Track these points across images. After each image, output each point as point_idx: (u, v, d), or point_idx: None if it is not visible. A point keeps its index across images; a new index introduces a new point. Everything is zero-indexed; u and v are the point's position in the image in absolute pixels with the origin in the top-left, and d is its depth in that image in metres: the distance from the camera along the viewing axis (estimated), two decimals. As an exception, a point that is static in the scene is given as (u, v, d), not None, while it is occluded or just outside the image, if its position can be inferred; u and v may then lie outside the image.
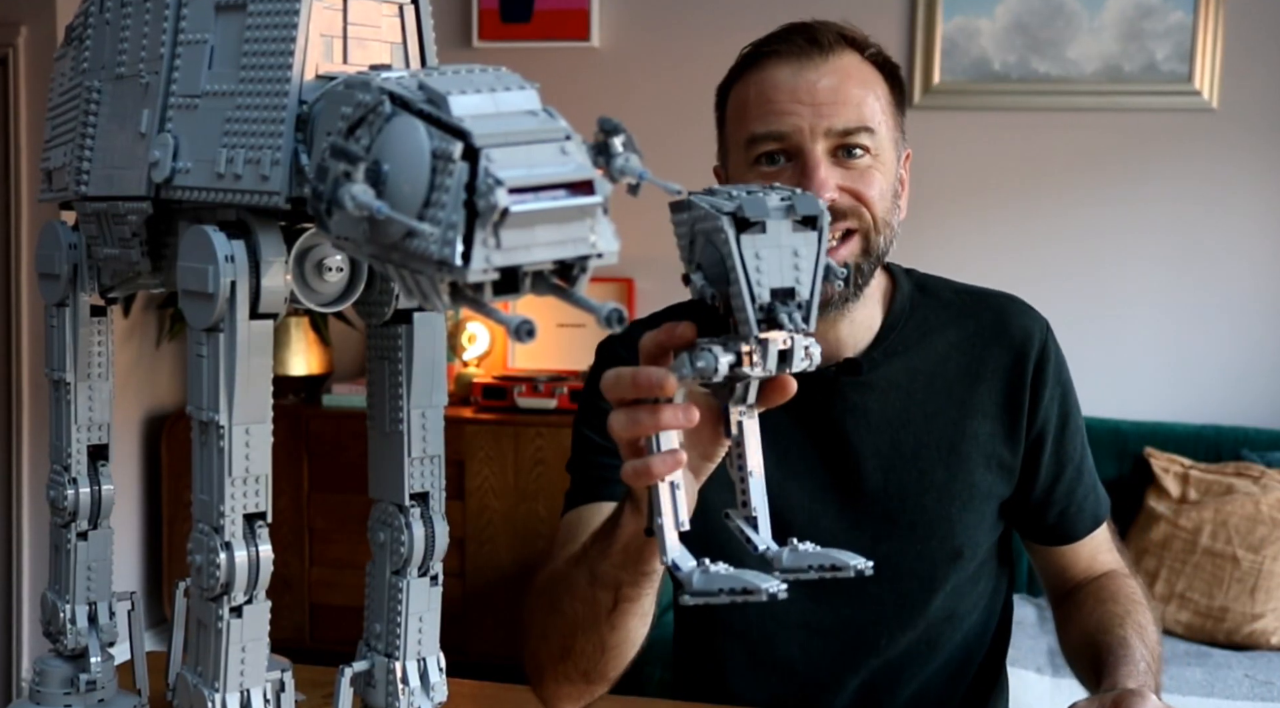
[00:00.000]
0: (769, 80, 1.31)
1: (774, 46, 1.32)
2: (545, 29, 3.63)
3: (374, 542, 0.97)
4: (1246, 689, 2.67)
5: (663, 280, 3.63)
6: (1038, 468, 1.42)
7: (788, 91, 1.29)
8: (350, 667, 0.97)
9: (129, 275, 1.00)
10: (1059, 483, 1.43)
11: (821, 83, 1.29)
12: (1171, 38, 3.32)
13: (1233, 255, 3.36)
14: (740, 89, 1.35)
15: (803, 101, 1.28)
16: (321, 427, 3.48)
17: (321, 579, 3.46)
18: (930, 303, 1.43)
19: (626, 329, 1.42)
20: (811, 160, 1.28)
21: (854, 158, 1.29)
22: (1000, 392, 1.40)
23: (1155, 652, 1.34)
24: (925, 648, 1.41)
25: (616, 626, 1.16)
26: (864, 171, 1.30)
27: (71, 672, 1.07)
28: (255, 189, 0.82)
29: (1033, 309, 1.46)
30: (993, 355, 1.41)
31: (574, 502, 1.41)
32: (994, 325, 1.42)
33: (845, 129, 1.28)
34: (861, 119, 1.29)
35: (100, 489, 1.07)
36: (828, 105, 1.28)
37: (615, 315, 0.70)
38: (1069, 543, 1.47)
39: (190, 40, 0.90)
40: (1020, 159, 3.43)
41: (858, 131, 1.28)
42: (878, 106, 1.31)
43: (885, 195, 1.31)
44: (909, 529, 1.38)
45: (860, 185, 1.29)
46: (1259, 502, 2.92)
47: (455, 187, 0.69)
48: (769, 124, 1.29)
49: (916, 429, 1.38)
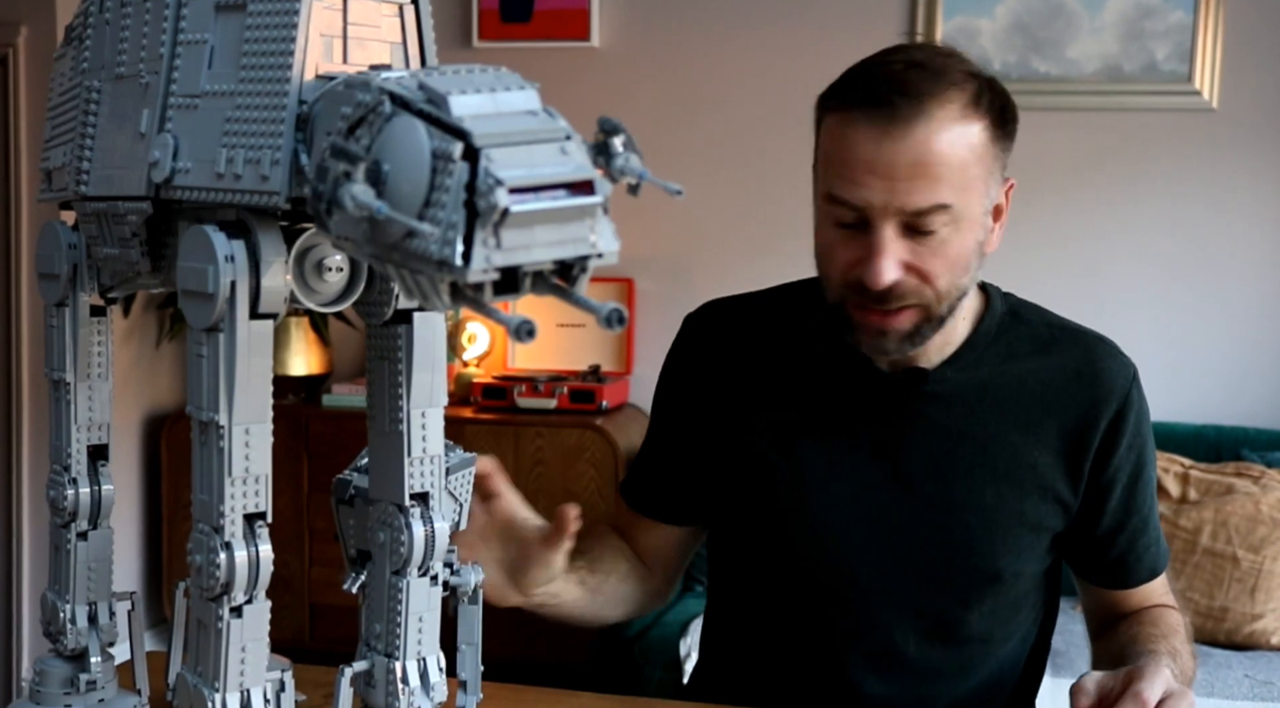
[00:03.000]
0: (849, 145, 1.26)
1: (864, 109, 1.26)
2: (545, 29, 3.62)
3: (374, 542, 0.97)
4: (1246, 689, 2.67)
5: (663, 280, 3.63)
6: (1102, 513, 1.41)
7: (865, 164, 1.24)
8: (350, 667, 0.97)
9: (129, 275, 1.00)
10: (1122, 532, 1.42)
11: (902, 156, 1.23)
12: (1171, 38, 3.32)
13: (1233, 255, 3.36)
14: (829, 129, 1.31)
15: (879, 175, 1.24)
16: (321, 427, 3.48)
17: (321, 579, 3.46)
18: (1019, 330, 1.42)
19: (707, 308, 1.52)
20: (877, 242, 1.25)
21: (927, 233, 1.26)
22: (1069, 430, 1.38)
23: (1186, 671, 1.33)
24: (958, 668, 1.41)
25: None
26: (935, 246, 1.27)
27: (71, 672, 1.07)
28: (255, 189, 0.82)
29: (1122, 355, 1.43)
30: (1070, 393, 1.39)
31: (626, 487, 1.56)
32: (1078, 364, 1.40)
33: (918, 210, 1.24)
34: (936, 198, 1.24)
35: (100, 489, 1.07)
36: (905, 182, 1.23)
37: (615, 315, 0.70)
38: (1122, 589, 1.46)
39: (190, 40, 0.90)
40: (1020, 159, 3.42)
41: (931, 211, 1.24)
42: (965, 167, 1.26)
43: (958, 263, 1.28)
44: (948, 543, 1.37)
45: (928, 263, 1.27)
46: (1259, 502, 2.92)
47: (455, 186, 0.69)
48: (844, 191, 1.26)
49: (974, 447, 1.37)
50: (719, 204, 3.55)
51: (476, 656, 1.14)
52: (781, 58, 3.52)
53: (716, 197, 3.55)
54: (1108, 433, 1.38)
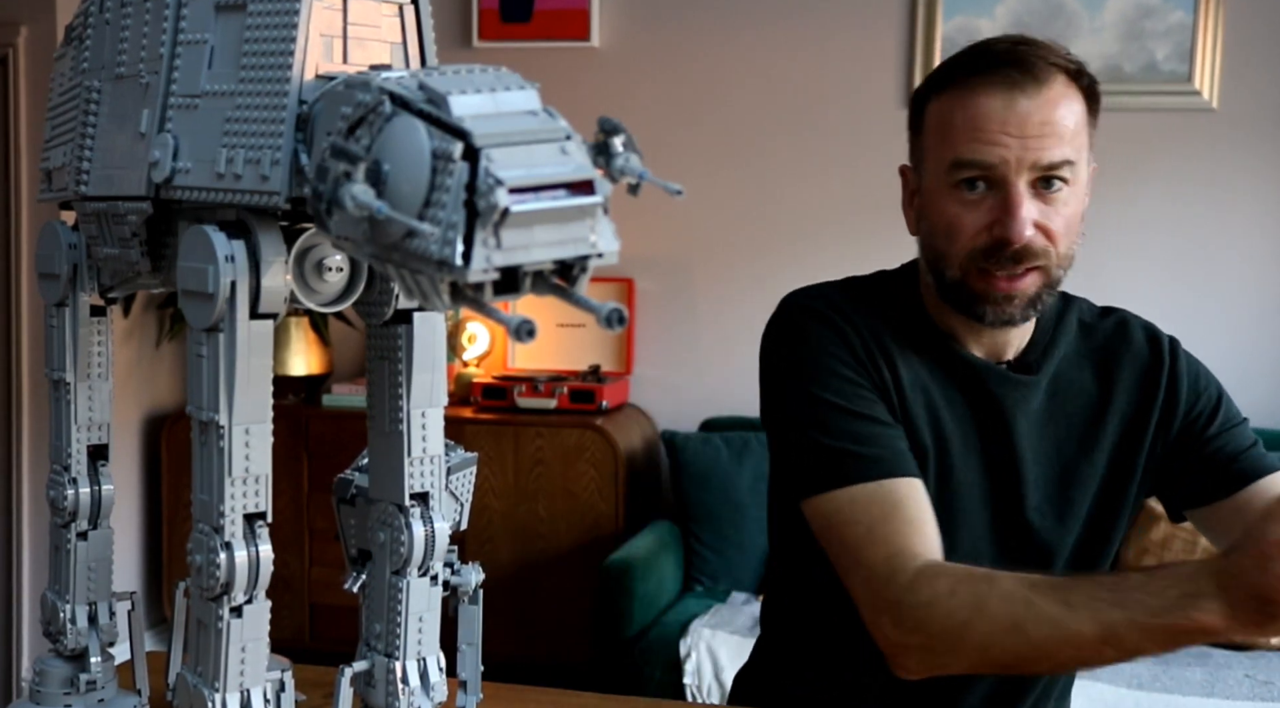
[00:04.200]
0: (980, 107, 1.31)
1: (985, 76, 1.32)
2: (545, 29, 3.63)
3: (374, 542, 0.97)
4: (1247, 689, 2.67)
5: (663, 280, 3.63)
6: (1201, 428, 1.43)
7: (998, 122, 1.30)
8: (350, 667, 0.97)
9: (129, 275, 1.00)
10: (1231, 435, 1.43)
11: (1033, 115, 1.30)
12: (1171, 38, 3.32)
13: (1232, 255, 3.36)
14: (946, 105, 1.35)
15: (1012, 133, 1.30)
16: (321, 427, 3.49)
17: (321, 579, 3.46)
18: (1071, 315, 1.47)
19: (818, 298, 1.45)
20: (1015, 197, 1.30)
21: (1052, 190, 1.32)
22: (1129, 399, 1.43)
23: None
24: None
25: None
26: (1059, 206, 1.32)
27: (71, 672, 1.07)
28: (255, 189, 0.82)
29: (1154, 327, 1.49)
30: (1124, 375, 1.43)
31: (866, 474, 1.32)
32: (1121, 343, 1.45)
33: (1050, 163, 1.30)
34: (1063, 154, 1.31)
35: (100, 489, 1.07)
36: (1035, 138, 1.30)
37: (615, 315, 0.70)
38: (1250, 482, 1.40)
39: (190, 40, 0.90)
40: (1020, 159, 3.43)
41: (1061, 166, 1.31)
42: (1078, 132, 1.33)
43: (1073, 226, 1.34)
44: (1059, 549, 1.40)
45: (1054, 222, 1.32)
46: (1259, 502, 2.92)
47: (455, 186, 0.69)
48: (976, 153, 1.31)
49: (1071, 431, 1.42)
50: (719, 204, 3.55)
51: (476, 656, 1.15)
52: (781, 58, 3.52)
53: (716, 197, 3.55)
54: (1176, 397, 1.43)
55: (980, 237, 1.32)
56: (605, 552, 3.18)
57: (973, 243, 1.32)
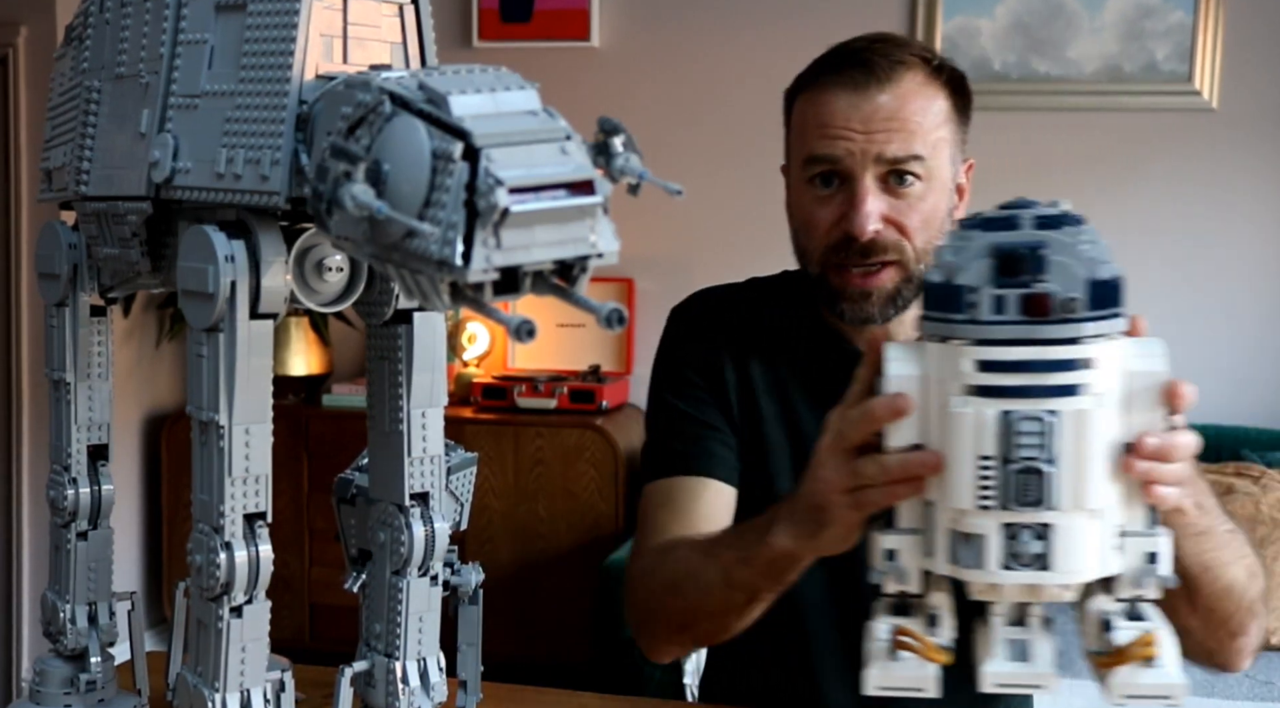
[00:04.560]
0: (828, 104, 1.34)
1: (835, 75, 1.35)
2: (545, 29, 3.62)
3: (374, 542, 0.97)
4: (1246, 689, 2.67)
5: (663, 280, 3.63)
6: None
7: (843, 118, 1.33)
8: (350, 667, 0.97)
9: (129, 275, 1.00)
10: None
11: (879, 111, 1.32)
12: (1171, 38, 3.32)
13: (1233, 255, 3.36)
14: (802, 104, 1.39)
15: (856, 129, 1.32)
16: (321, 427, 3.48)
17: (321, 579, 3.46)
18: None
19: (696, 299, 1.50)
20: (860, 191, 1.32)
21: (904, 185, 1.33)
22: None
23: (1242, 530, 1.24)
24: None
25: (745, 616, 1.23)
26: (913, 201, 1.33)
27: (71, 672, 1.07)
28: (255, 189, 0.82)
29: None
30: None
31: (668, 469, 1.43)
32: None
33: (895, 158, 1.32)
34: (911, 148, 1.32)
35: (100, 489, 1.07)
36: (881, 133, 1.32)
37: (615, 315, 0.70)
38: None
39: (190, 40, 0.90)
40: (1020, 159, 3.43)
41: (907, 160, 1.32)
42: (934, 128, 1.34)
43: (932, 221, 1.34)
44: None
45: (905, 216, 1.33)
46: (1259, 502, 2.92)
47: (455, 186, 0.69)
48: (823, 147, 1.34)
49: None
50: (719, 204, 3.55)
51: (476, 656, 1.15)
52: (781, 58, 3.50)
53: (716, 197, 3.55)
54: None
55: (833, 232, 1.34)
56: (605, 552, 3.18)
57: (826, 239, 1.35)
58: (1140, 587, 0.89)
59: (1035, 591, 0.88)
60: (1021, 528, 0.85)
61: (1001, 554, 0.85)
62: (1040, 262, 0.84)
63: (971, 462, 0.85)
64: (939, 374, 0.88)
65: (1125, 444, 0.87)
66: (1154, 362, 0.90)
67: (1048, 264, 0.84)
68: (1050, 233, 0.85)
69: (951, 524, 0.87)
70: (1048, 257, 0.84)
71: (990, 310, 0.84)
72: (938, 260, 0.88)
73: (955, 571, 0.88)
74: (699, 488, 1.39)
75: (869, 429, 0.94)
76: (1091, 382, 0.85)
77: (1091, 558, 0.86)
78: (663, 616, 1.32)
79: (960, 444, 0.85)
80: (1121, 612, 0.89)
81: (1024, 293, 0.84)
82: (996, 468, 0.84)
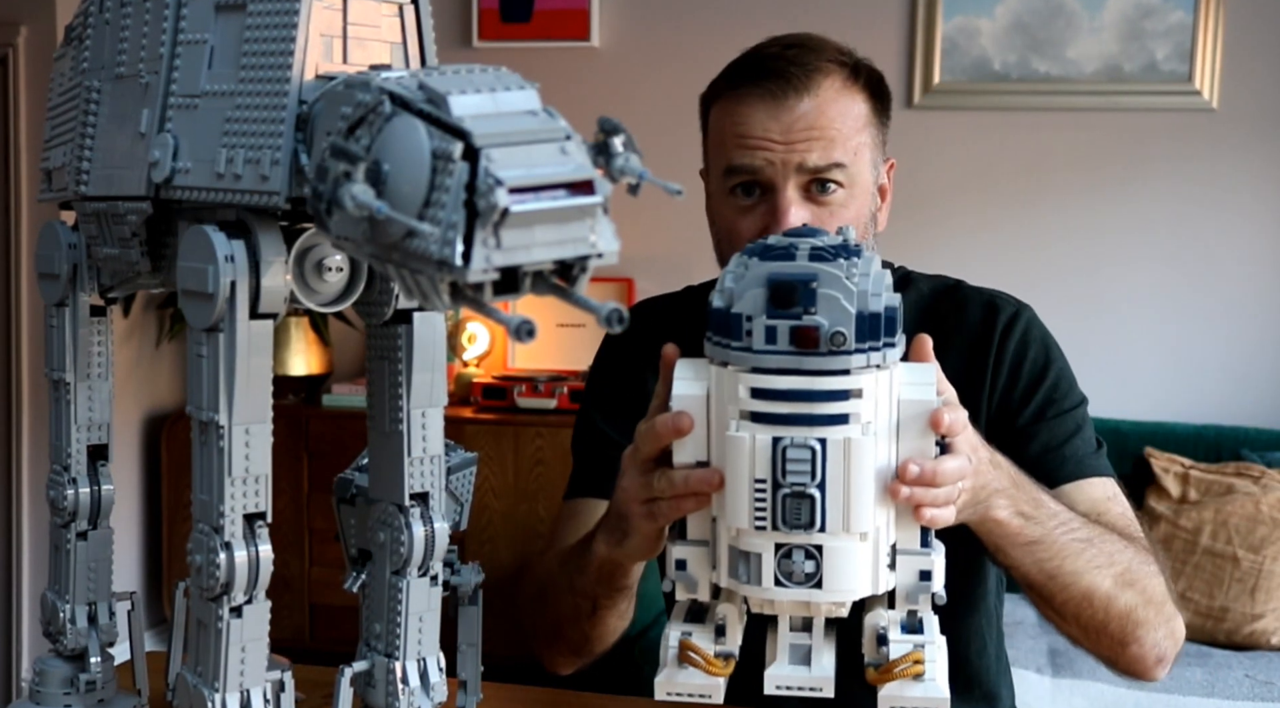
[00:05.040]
0: (745, 115, 1.33)
1: (750, 86, 1.34)
2: (545, 29, 3.62)
3: (374, 542, 0.97)
4: (1246, 689, 2.67)
5: (663, 280, 3.63)
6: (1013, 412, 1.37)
7: (761, 128, 1.32)
8: (350, 667, 0.97)
9: (129, 275, 1.00)
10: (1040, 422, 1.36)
11: (798, 121, 1.31)
12: (1171, 38, 3.32)
13: (1233, 255, 3.36)
14: (719, 112, 1.38)
15: (775, 139, 1.31)
16: (321, 427, 3.48)
17: (321, 579, 3.46)
18: (909, 296, 1.42)
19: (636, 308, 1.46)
20: (782, 202, 1.31)
21: (826, 193, 1.32)
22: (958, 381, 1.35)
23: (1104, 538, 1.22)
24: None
25: (596, 624, 1.27)
26: (835, 208, 1.32)
27: (71, 672, 1.07)
28: (255, 189, 0.82)
29: (1003, 298, 1.43)
30: (953, 347, 1.36)
31: (578, 489, 1.46)
32: (954, 316, 1.41)
33: (816, 167, 1.31)
34: (832, 157, 1.31)
35: (100, 489, 1.07)
36: (801, 143, 1.31)
37: (615, 315, 0.70)
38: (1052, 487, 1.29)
39: (190, 40, 0.90)
40: (1020, 159, 3.43)
41: (829, 168, 1.31)
42: (854, 133, 1.33)
43: (857, 227, 1.30)
44: None
45: (828, 224, 1.31)
46: (1259, 502, 2.92)
47: (455, 186, 0.69)
48: (743, 158, 1.33)
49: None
50: (719, 204, 3.55)
51: (476, 656, 1.15)
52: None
53: (716, 197, 3.55)
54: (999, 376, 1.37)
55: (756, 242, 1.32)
56: (605, 552, 3.18)
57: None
58: (913, 602, 0.93)
59: (809, 606, 0.91)
60: (795, 548, 0.88)
61: (776, 572, 0.89)
62: (811, 295, 0.86)
63: (747, 484, 0.88)
64: (719, 396, 0.91)
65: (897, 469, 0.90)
66: (924, 390, 0.92)
67: (818, 298, 0.86)
68: (823, 266, 0.87)
69: (732, 541, 0.91)
70: (818, 290, 0.86)
71: (763, 340, 0.87)
72: (720, 285, 0.91)
73: (734, 585, 0.91)
74: (595, 510, 1.36)
75: (656, 445, 0.97)
76: (860, 411, 0.88)
77: (862, 578, 0.89)
78: (538, 626, 1.36)
79: (737, 467, 0.88)
80: (899, 624, 0.93)
81: (794, 325, 0.87)
82: (769, 492, 0.87)
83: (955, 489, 0.95)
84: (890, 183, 1.42)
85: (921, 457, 0.91)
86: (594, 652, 1.35)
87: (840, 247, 0.90)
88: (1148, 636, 1.26)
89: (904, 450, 0.91)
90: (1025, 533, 1.15)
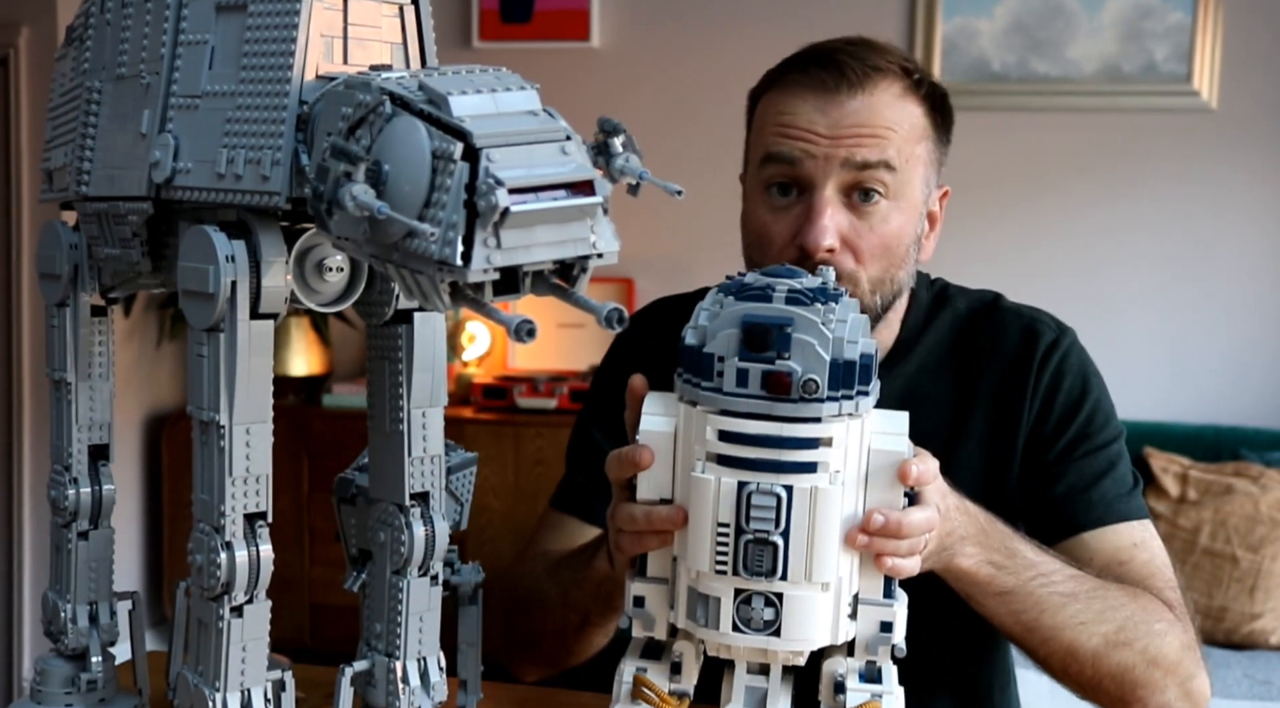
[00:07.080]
0: (791, 103, 1.23)
1: (801, 75, 1.24)
2: (545, 29, 3.63)
3: (374, 542, 0.97)
4: (1246, 689, 2.67)
5: (663, 280, 3.63)
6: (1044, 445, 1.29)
7: (807, 119, 1.21)
8: (350, 666, 0.97)
9: (129, 275, 1.00)
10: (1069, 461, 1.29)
11: (846, 117, 1.20)
12: (1171, 38, 3.32)
13: (1232, 255, 3.36)
14: (764, 104, 1.28)
15: (820, 132, 1.20)
16: (321, 427, 3.48)
17: (321, 579, 3.46)
18: (945, 316, 1.35)
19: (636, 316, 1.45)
20: (819, 201, 1.20)
21: (868, 202, 1.21)
22: (992, 410, 1.30)
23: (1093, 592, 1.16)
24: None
25: (581, 638, 1.25)
26: (874, 222, 1.22)
27: (72, 671, 1.07)
28: (256, 189, 0.82)
29: (1043, 322, 1.34)
30: (988, 370, 1.31)
31: (563, 502, 1.41)
32: (991, 337, 1.33)
33: (863, 162, 1.20)
34: (883, 154, 1.20)
35: (101, 489, 1.07)
36: (848, 137, 1.20)
37: (615, 315, 0.71)
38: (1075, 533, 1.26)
39: (190, 40, 0.90)
40: (1020, 159, 3.43)
41: (877, 167, 1.20)
42: (909, 141, 1.22)
43: (894, 248, 1.23)
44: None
45: (864, 238, 1.21)
46: (1258, 502, 2.92)
47: (455, 187, 0.69)
48: (780, 146, 1.22)
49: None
50: (719, 204, 3.54)
51: (476, 655, 1.15)
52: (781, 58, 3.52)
53: (716, 197, 3.54)
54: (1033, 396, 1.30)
55: (787, 251, 1.23)
56: (605, 552, 3.18)
57: (780, 256, 1.22)
58: (873, 653, 0.91)
59: (766, 653, 0.90)
60: (755, 594, 0.87)
61: (734, 618, 0.87)
62: (785, 339, 0.84)
63: (710, 527, 0.86)
64: (687, 435, 0.89)
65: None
66: (895, 441, 0.91)
67: (791, 343, 0.84)
68: (799, 310, 0.85)
69: (691, 582, 0.89)
70: (792, 335, 0.84)
71: (734, 383, 0.85)
72: (694, 321, 0.89)
73: (691, 627, 0.90)
74: (588, 534, 1.32)
75: (621, 475, 0.94)
76: (829, 459, 0.86)
77: (821, 628, 0.88)
78: (514, 632, 1.31)
79: (700, 509, 0.87)
80: (858, 673, 0.91)
81: (766, 369, 0.85)
82: (731, 536, 0.86)
83: (920, 540, 0.93)
84: (942, 212, 1.30)
85: (889, 507, 0.88)
86: (568, 665, 1.31)
87: (818, 290, 0.87)
88: (1152, 697, 1.18)
89: (872, 500, 0.89)
90: (996, 583, 1.11)
